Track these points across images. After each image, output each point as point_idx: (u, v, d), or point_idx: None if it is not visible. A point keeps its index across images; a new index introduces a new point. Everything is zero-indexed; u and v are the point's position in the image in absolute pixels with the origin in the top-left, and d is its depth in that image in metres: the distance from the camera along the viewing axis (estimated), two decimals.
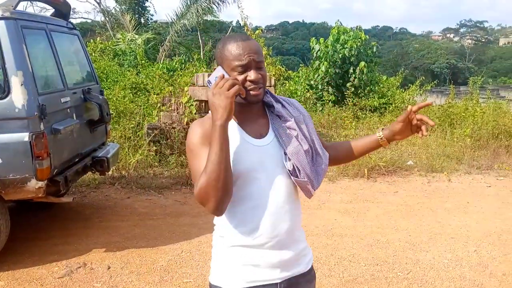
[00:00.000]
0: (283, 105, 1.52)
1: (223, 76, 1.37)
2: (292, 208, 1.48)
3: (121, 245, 4.04)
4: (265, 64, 7.16)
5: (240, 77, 1.38)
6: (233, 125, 1.43)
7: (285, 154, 1.44)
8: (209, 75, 1.47)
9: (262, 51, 1.46)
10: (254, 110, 1.48)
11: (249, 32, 7.49)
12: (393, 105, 10.03)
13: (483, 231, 4.27)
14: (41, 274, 3.54)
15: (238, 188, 1.40)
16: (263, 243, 1.43)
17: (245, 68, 1.38)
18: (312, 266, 1.59)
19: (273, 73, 6.90)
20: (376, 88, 10.48)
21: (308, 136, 1.50)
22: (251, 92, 1.39)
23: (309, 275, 1.57)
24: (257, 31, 7.46)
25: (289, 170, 1.44)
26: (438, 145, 7.35)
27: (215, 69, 1.42)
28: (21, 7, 3.79)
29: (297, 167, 1.44)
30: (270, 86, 6.63)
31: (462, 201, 5.16)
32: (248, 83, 1.39)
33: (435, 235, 4.18)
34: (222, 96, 1.31)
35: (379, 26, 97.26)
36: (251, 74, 1.38)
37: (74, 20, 24.08)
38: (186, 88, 6.61)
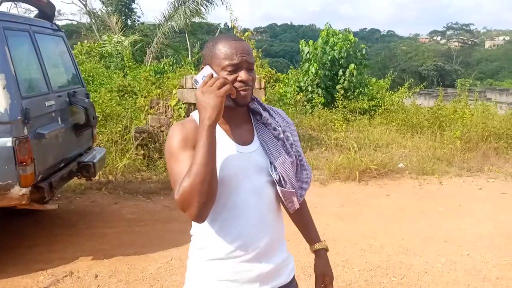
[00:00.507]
0: (270, 114, 1.48)
1: (212, 75, 1.31)
2: (274, 219, 1.44)
3: (108, 252, 3.92)
4: (255, 66, 7.13)
5: (230, 77, 1.33)
6: (217, 129, 1.36)
7: (271, 163, 1.39)
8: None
9: (253, 53, 1.41)
10: (239, 115, 1.42)
11: (238, 34, 7.42)
12: (383, 107, 10.07)
13: (476, 235, 4.24)
14: (25, 284, 3.41)
15: (219, 195, 1.32)
16: (242, 255, 1.38)
17: (236, 68, 1.33)
18: (294, 276, 1.54)
19: (263, 75, 6.82)
20: (366, 90, 10.51)
21: (294, 147, 1.47)
22: (241, 92, 1.34)
23: (290, 286, 1.52)
24: (246, 33, 7.39)
25: (275, 180, 1.39)
26: (428, 147, 7.36)
27: (202, 68, 1.37)
28: (4, 8, 3.66)
29: (283, 177, 1.39)
30: (260, 89, 6.57)
31: (454, 204, 5.14)
32: (238, 84, 1.33)
33: (428, 239, 4.15)
34: (212, 95, 1.25)
35: (366, 29, 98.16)
36: (242, 74, 1.33)
37: (60, 21, 23.78)
38: (174, 91, 6.51)
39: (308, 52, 10.38)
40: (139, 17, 20.60)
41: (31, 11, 13.50)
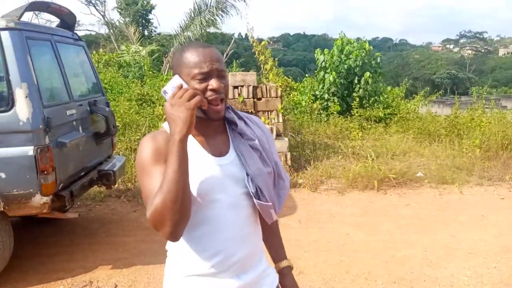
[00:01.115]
0: (246, 123, 1.42)
1: (181, 86, 1.25)
2: (252, 231, 1.39)
3: (128, 261, 3.91)
4: (271, 75, 7.08)
5: (200, 86, 1.26)
6: (191, 141, 1.31)
7: (247, 175, 1.33)
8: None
9: (223, 60, 1.35)
10: (214, 125, 1.36)
11: (254, 44, 7.43)
12: (398, 115, 9.96)
13: (501, 246, 4.12)
14: None
15: (195, 210, 1.27)
16: (220, 271, 1.33)
17: (206, 76, 1.27)
18: (277, 286, 1.49)
19: (280, 84, 6.80)
20: (381, 98, 10.41)
21: (272, 157, 1.42)
22: (212, 106, 1.28)
23: None
24: (263, 42, 7.39)
25: (252, 193, 1.33)
26: (447, 156, 7.23)
27: (171, 78, 1.30)
28: (25, 18, 3.71)
29: (260, 189, 1.33)
30: (276, 97, 6.55)
31: (476, 214, 5.02)
32: (209, 93, 1.27)
33: (452, 250, 4.04)
34: (181, 108, 1.18)
35: (379, 38, 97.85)
36: (213, 83, 1.26)
37: (79, 32, 24.16)
38: None
39: (324, 60, 10.35)
40: (155, 27, 20.88)
41: (52, 22, 13.75)
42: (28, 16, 18.04)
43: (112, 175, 4.17)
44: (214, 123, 1.35)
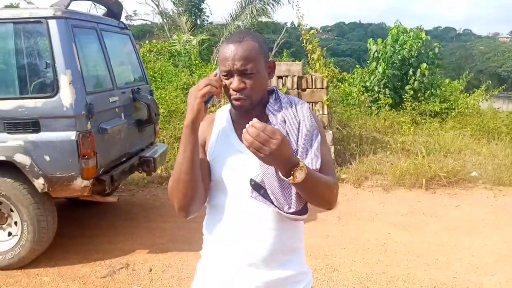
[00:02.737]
0: (280, 108, 1.33)
1: (215, 76, 1.31)
2: (281, 227, 1.31)
3: (164, 247, 3.98)
4: (318, 65, 6.88)
5: (227, 82, 1.28)
6: (228, 128, 1.36)
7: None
8: None
9: (257, 54, 1.27)
10: (254, 114, 1.31)
11: (303, 32, 7.25)
12: (456, 110, 9.39)
13: None
14: (84, 273, 3.55)
15: (214, 197, 1.35)
16: (232, 261, 1.33)
17: (228, 74, 1.27)
18: None
19: (326, 74, 6.61)
20: (438, 92, 9.85)
21: (294, 145, 1.28)
22: (233, 101, 1.29)
23: None
24: (311, 31, 7.19)
25: (253, 183, 1.25)
26: (506, 155, 6.71)
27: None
28: (84, 9, 3.83)
29: (263, 181, 1.26)
30: (322, 88, 6.37)
31: None
32: (231, 91, 1.28)
33: (502, 257, 3.75)
34: (192, 96, 1.26)
35: (440, 27, 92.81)
36: (234, 83, 1.26)
37: (135, 21, 24.94)
38: None
39: (376, 50, 9.95)
40: (207, 17, 21.07)
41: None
42: (87, 7, 18.85)
43: (153, 161, 4.25)
44: (255, 112, 1.33)
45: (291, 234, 1.35)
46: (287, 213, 1.27)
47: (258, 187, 1.26)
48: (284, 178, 1.18)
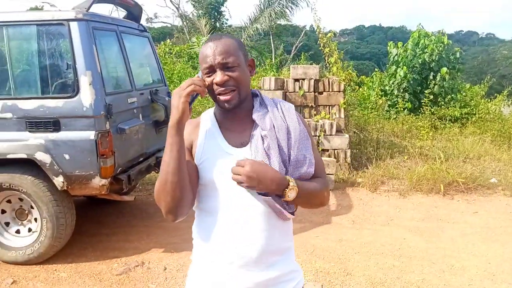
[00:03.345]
0: (267, 112, 1.35)
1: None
2: (271, 228, 1.32)
3: (178, 246, 4.03)
4: (335, 68, 6.86)
5: (209, 80, 1.30)
6: (214, 131, 1.36)
7: None
8: None
9: (236, 50, 1.31)
10: (240, 116, 1.35)
11: (320, 35, 7.25)
12: (477, 115, 9.23)
13: None
14: (100, 270, 3.62)
15: (205, 198, 1.34)
16: (224, 262, 1.33)
17: (210, 71, 1.29)
18: None
19: (343, 77, 6.59)
20: (458, 96, 9.71)
21: (286, 150, 1.31)
22: (220, 97, 1.30)
23: None
24: (329, 34, 7.19)
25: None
26: None
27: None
28: (106, 11, 3.92)
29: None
30: (339, 91, 6.36)
31: None
32: (215, 86, 1.29)
33: None
34: (176, 96, 1.26)
35: (462, 31, 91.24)
36: (217, 77, 1.28)
37: (155, 24, 25.24)
38: None
39: (397, 54, 9.86)
40: (227, 19, 21.22)
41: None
42: (108, 9, 19.16)
43: None
44: (240, 114, 1.36)
45: (281, 234, 1.37)
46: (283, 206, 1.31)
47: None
48: (277, 197, 1.27)
